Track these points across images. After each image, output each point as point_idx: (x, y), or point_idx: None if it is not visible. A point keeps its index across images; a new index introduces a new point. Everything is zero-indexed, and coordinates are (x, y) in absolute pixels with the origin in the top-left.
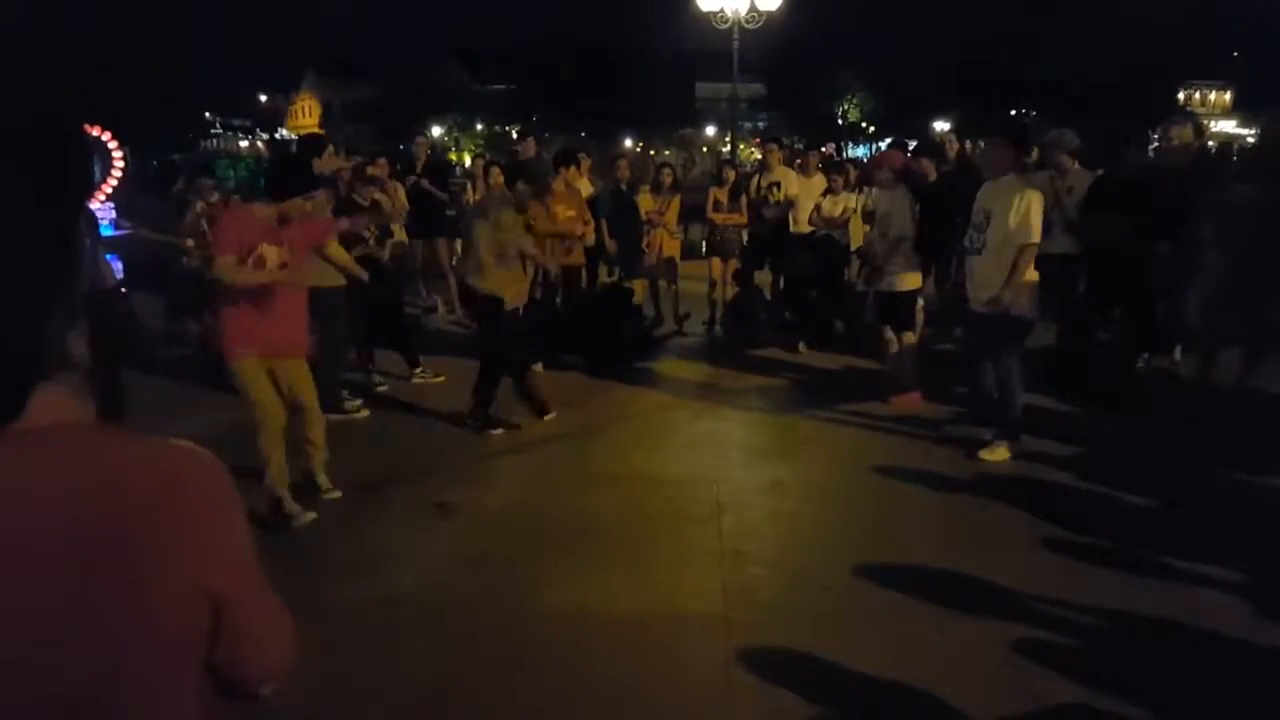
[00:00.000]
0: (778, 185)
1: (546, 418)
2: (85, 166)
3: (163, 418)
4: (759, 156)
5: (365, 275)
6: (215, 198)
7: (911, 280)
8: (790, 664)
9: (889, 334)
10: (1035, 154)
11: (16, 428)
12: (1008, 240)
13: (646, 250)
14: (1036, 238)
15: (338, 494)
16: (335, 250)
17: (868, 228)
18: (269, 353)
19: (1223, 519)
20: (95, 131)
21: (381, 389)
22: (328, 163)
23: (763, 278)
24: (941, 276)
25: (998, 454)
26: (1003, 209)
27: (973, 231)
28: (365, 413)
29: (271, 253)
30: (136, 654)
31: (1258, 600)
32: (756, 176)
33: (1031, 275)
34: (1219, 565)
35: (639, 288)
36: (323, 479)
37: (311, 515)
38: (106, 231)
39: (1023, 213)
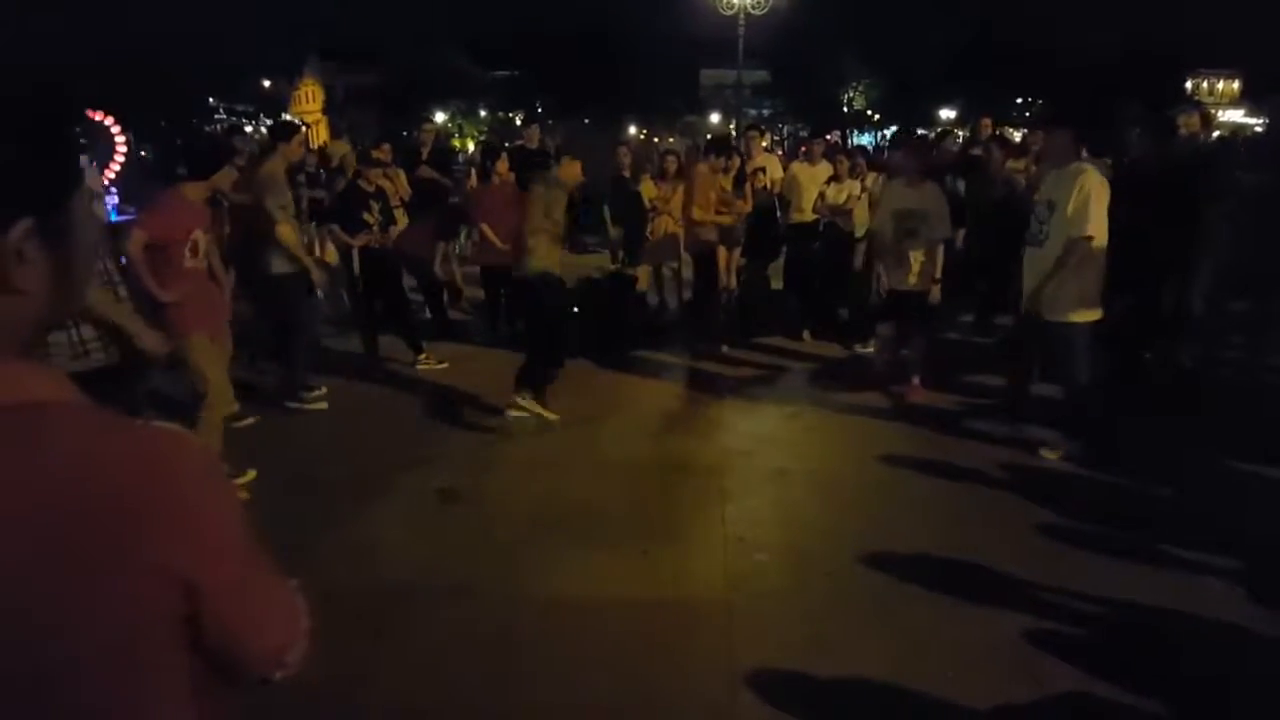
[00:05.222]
0: (763, 171)
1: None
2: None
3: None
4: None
5: (315, 269)
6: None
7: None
8: (793, 650)
9: (886, 330)
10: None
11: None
12: (1065, 233)
13: (649, 238)
14: (1092, 231)
15: None
16: (286, 234)
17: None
18: (216, 333)
19: (1226, 507)
20: (99, 117)
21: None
22: (295, 150)
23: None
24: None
25: (1057, 454)
26: (1064, 198)
27: (1035, 221)
28: (323, 405)
29: (202, 238)
30: (107, 634)
31: (1259, 588)
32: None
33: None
34: (1221, 553)
35: (642, 275)
36: None
37: None
38: (111, 217)
39: (1080, 202)
